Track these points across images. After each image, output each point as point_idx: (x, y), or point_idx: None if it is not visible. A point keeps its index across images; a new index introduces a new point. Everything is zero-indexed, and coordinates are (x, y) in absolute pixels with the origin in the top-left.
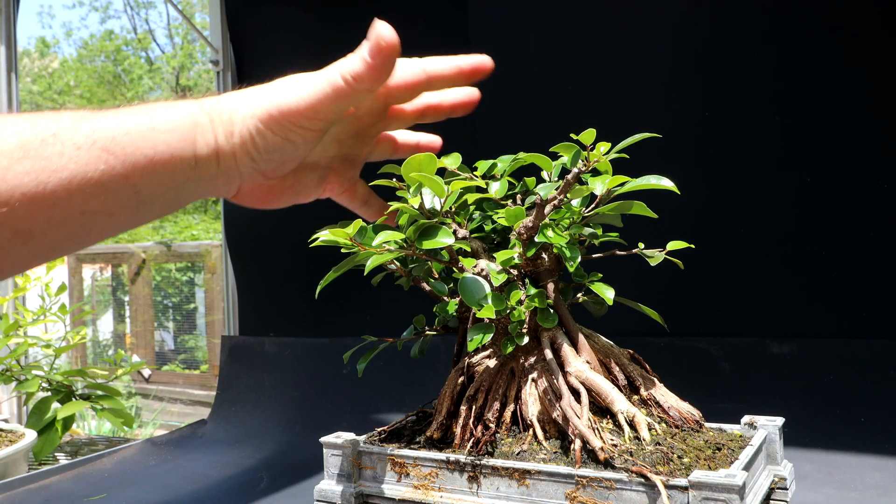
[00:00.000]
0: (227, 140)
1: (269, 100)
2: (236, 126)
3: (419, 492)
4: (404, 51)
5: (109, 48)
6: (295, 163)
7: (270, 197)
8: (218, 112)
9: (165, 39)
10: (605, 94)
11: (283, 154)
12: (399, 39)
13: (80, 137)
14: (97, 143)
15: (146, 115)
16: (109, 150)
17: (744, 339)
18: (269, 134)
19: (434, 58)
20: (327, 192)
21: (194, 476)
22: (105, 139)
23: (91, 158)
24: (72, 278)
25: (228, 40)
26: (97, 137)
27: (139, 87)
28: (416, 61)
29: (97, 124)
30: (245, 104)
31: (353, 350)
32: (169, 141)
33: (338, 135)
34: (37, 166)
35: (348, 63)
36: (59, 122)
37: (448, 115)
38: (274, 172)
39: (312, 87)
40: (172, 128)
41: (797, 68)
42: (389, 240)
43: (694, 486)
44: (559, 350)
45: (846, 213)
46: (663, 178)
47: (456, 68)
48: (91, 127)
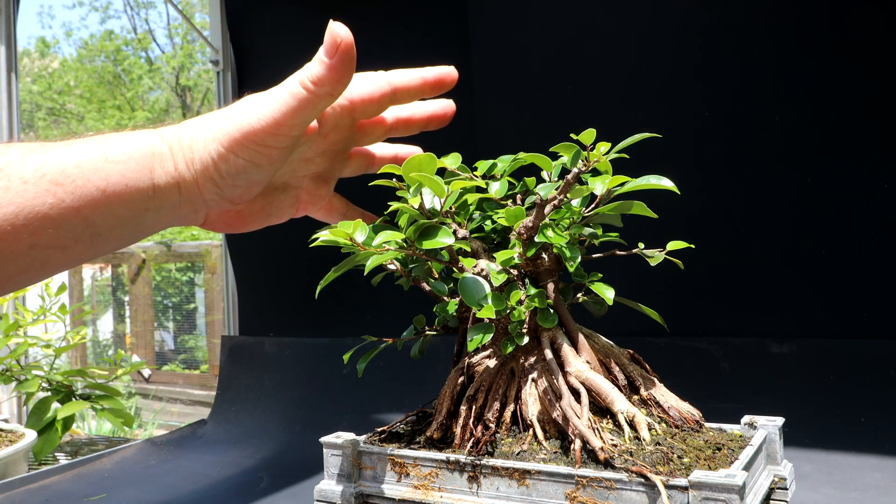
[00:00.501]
0: (188, 168)
1: (230, 122)
2: (197, 153)
3: (419, 492)
4: (405, 52)
5: (109, 48)
6: (261, 186)
7: (240, 222)
8: (177, 139)
9: (165, 39)
10: (605, 95)
11: (248, 178)
12: (353, 39)
13: (28, 171)
14: (46, 177)
15: (100, 147)
16: (59, 184)
17: (744, 339)
18: (232, 157)
19: (399, 70)
20: (301, 211)
21: (194, 476)
22: (54, 172)
23: (39, 192)
24: (72, 278)
25: (228, 40)
26: (46, 171)
27: (139, 87)
28: (380, 74)
29: (46, 157)
30: (205, 129)
31: (353, 350)
32: (123, 172)
33: (305, 154)
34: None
35: (307, 69)
36: (7, 156)
37: (422, 128)
38: (241, 198)
39: (273, 102)
40: (127, 158)
41: (797, 68)
42: (389, 240)
43: (694, 486)
44: (559, 350)
45: (846, 213)
46: (663, 178)
47: (420, 79)
48: (40, 160)
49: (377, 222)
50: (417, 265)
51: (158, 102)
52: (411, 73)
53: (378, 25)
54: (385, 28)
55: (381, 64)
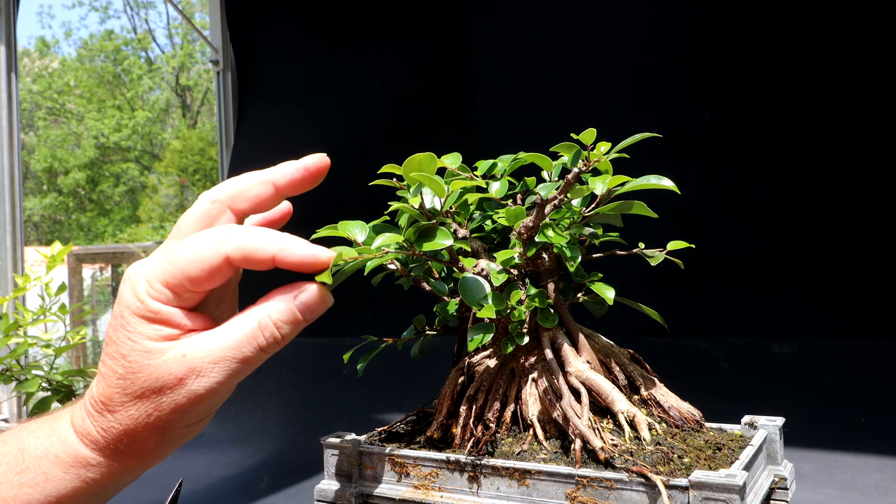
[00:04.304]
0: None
1: (165, 405)
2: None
3: (419, 492)
4: (406, 52)
5: (109, 48)
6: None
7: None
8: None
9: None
10: (606, 95)
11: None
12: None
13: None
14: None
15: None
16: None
17: (744, 339)
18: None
19: (278, 172)
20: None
21: (194, 476)
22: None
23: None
24: (72, 278)
25: (228, 40)
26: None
27: (139, 86)
28: (262, 180)
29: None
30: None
31: (353, 350)
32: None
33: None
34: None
35: (271, 326)
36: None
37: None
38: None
39: (216, 373)
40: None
41: (798, 68)
42: (389, 241)
43: (694, 486)
44: (559, 350)
45: (846, 213)
46: (663, 178)
47: (304, 171)
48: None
49: (377, 222)
50: (417, 265)
51: (158, 102)
52: (292, 171)
53: (378, 26)
54: (385, 29)
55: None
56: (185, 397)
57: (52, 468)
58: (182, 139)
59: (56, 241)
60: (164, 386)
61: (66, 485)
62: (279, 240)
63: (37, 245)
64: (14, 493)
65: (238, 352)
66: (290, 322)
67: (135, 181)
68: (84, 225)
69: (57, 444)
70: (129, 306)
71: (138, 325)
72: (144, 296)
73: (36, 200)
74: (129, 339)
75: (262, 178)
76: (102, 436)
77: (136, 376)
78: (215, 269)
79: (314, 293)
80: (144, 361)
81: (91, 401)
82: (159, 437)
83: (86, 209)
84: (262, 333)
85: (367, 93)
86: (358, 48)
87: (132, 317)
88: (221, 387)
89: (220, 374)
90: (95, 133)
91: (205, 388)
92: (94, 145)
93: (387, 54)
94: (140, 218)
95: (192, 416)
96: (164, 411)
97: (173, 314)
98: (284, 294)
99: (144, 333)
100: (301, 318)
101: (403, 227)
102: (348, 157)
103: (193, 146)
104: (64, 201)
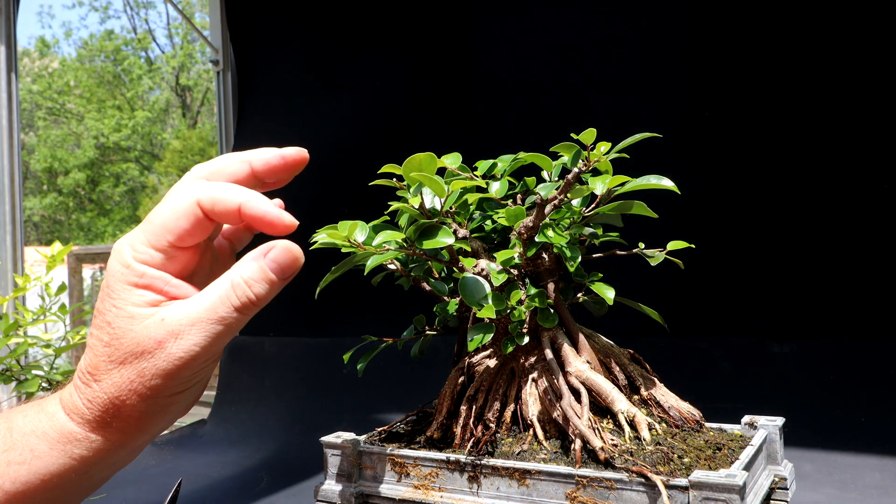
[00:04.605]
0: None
1: (149, 370)
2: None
3: (419, 492)
4: (406, 53)
5: (109, 48)
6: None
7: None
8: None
9: (165, 39)
10: (606, 95)
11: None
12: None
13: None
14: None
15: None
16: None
17: (744, 339)
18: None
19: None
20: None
21: (194, 476)
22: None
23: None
24: (72, 278)
25: (228, 40)
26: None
27: (139, 86)
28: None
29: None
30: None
31: (354, 350)
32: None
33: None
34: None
35: (242, 285)
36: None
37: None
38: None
39: (195, 335)
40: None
41: (798, 69)
42: (389, 240)
43: (694, 486)
44: (559, 350)
45: (846, 213)
46: (663, 178)
47: (282, 163)
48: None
49: (377, 222)
50: (417, 265)
51: (158, 102)
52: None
53: (378, 26)
54: (386, 29)
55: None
56: (165, 361)
57: (38, 444)
58: (182, 139)
59: (56, 241)
60: (145, 350)
61: (53, 462)
62: (246, 193)
63: (37, 245)
64: (2, 470)
65: (213, 313)
66: (260, 279)
67: (135, 181)
68: (84, 225)
69: (44, 421)
70: (115, 274)
71: (122, 292)
72: (130, 260)
73: (36, 200)
74: (114, 305)
75: (240, 157)
76: (88, 407)
77: (120, 342)
78: (190, 215)
79: (283, 249)
80: (127, 327)
81: (79, 374)
82: (143, 405)
83: (86, 209)
84: (234, 293)
85: (368, 93)
86: (358, 48)
87: (117, 283)
88: (201, 350)
89: (198, 335)
90: (95, 133)
91: (184, 351)
92: (94, 145)
93: (387, 54)
94: (140, 218)
95: (175, 382)
96: (145, 377)
97: (158, 277)
98: (255, 253)
99: (128, 299)
100: (272, 276)
101: (403, 226)
102: (348, 157)
103: (193, 146)
104: (64, 201)
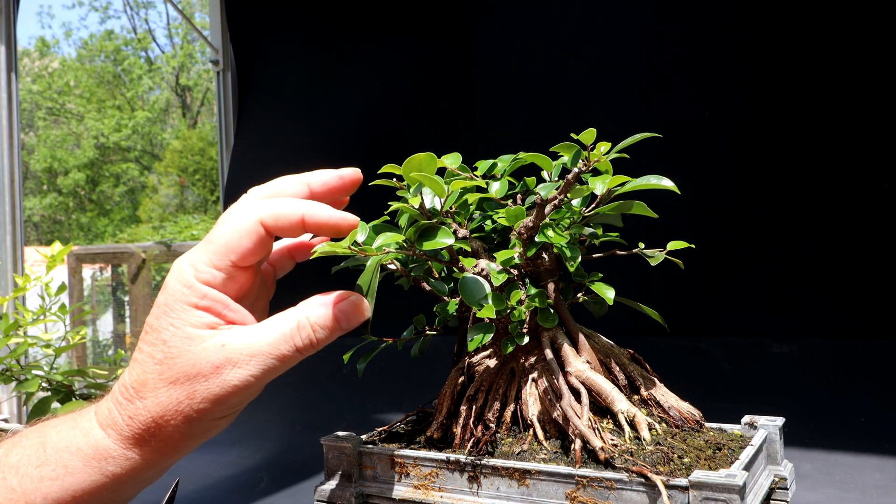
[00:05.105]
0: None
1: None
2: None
3: (419, 492)
4: (406, 53)
5: (109, 48)
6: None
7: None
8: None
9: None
10: (606, 94)
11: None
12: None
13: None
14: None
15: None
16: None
17: (744, 339)
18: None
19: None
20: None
21: (194, 476)
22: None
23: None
24: (72, 278)
25: (228, 40)
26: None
27: (139, 86)
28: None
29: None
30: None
31: (354, 350)
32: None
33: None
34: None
35: (307, 327)
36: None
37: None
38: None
39: (251, 368)
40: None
41: (798, 68)
42: (390, 241)
43: (694, 486)
44: (559, 350)
45: (846, 213)
46: (664, 178)
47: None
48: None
49: (377, 222)
50: (417, 265)
51: (158, 102)
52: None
53: (378, 26)
54: (385, 29)
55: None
56: (219, 387)
57: (72, 460)
58: (182, 139)
59: (56, 241)
60: (200, 373)
61: (86, 478)
62: (306, 204)
63: (37, 245)
64: (34, 485)
65: (275, 348)
66: (326, 327)
67: (135, 181)
68: (84, 225)
69: (79, 436)
70: (175, 293)
71: (182, 312)
72: (192, 280)
73: (36, 200)
74: (172, 325)
75: (298, 179)
76: (128, 423)
77: (175, 361)
78: (253, 233)
79: (353, 304)
80: (185, 347)
81: (122, 388)
82: (186, 427)
83: (86, 209)
84: (299, 333)
85: (367, 92)
86: (358, 48)
87: (177, 303)
88: (255, 381)
89: (256, 367)
90: (95, 133)
91: (239, 380)
92: (94, 145)
93: (387, 54)
94: (140, 218)
95: (222, 408)
96: (194, 399)
97: (219, 301)
98: (325, 299)
99: (187, 320)
100: (338, 325)
101: (403, 227)
102: (348, 157)
103: (193, 146)
104: (64, 201)
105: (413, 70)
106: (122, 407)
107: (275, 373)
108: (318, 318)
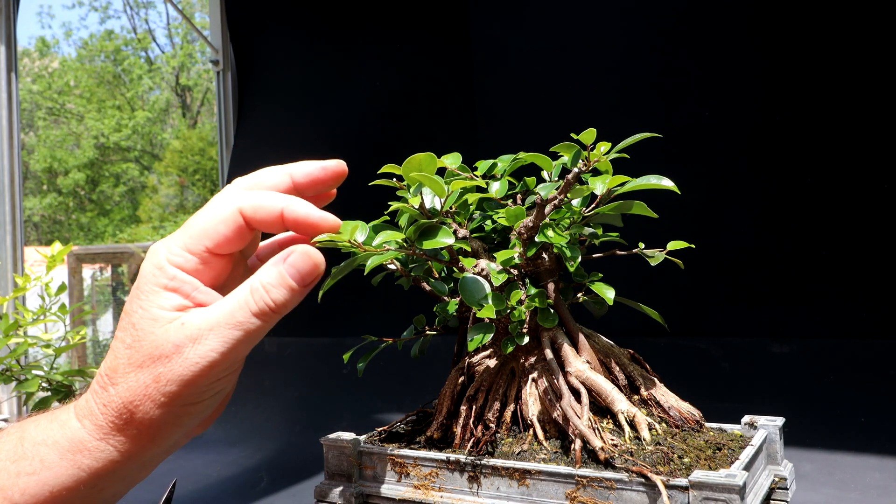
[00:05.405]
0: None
1: (164, 379)
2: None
3: (419, 492)
4: (406, 53)
5: (109, 48)
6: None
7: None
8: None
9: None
10: (606, 95)
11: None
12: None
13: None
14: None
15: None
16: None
17: (744, 339)
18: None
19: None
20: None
21: (194, 476)
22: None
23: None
24: (72, 278)
25: (228, 40)
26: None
27: (139, 86)
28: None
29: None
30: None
31: (353, 350)
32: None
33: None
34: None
35: (261, 291)
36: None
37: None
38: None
39: (213, 341)
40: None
41: (798, 68)
42: (390, 240)
43: (694, 486)
44: (559, 350)
45: (846, 213)
46: (663, 178)
47: (319, 181)
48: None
49: (377, 222)
50: (417, 265)
51: (158, 102)
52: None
53: (378, 26)
54: (385, 29)
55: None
56: (181, 366)
57: (48, 454)
58: (182, 139)
59: (56, 241)
60: (163, 354)
61: (63, 473)
62: (288, 198)
63: (37, 245)
64: (11, 481)
65: (231, 318)
66: (279, 285)
67: (135, 181)
68: (84, 225)
69: (56, 429)
70: (146, 275)
71: (150, 294)
72: (163, 262)
73: (36, 200)
74: (141, 307)
75: (282, 169)
76: (102, 412)
77: (141, 344)
78: (230, 221)
79: (301, 254)
80: (150, 329)
81: (97, 378)
82: (156, 411)
83: (86, 209)
84: (252, 298)
85: (367, 93)
86: (358, 48)
87: (146, 285)
88: (220, 357)
89: (216, 341)
90: (95, 133)
91: (199, 357)
92: (94, 145)
93: (387, 54)
94: (140, 218)
95: (190, 390)
96: (160, 382)
97: (187, 282)
98: (275, 258)
99: (155, 301)
100: (291, 282)
101: (403, 226)
102: (348, 157)
103: (193, 146)
104: (64, 201)
105: (413, 70)
106: (97, 395)
107: (240, 345)
108: (270, 278)
